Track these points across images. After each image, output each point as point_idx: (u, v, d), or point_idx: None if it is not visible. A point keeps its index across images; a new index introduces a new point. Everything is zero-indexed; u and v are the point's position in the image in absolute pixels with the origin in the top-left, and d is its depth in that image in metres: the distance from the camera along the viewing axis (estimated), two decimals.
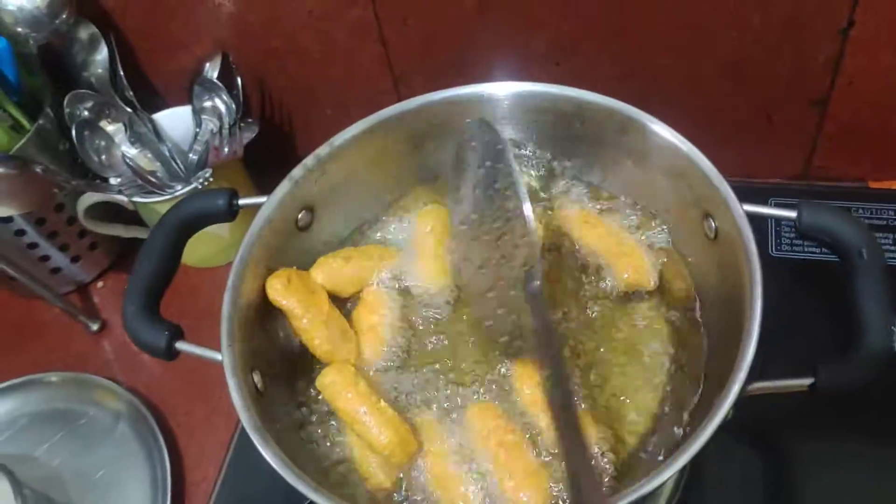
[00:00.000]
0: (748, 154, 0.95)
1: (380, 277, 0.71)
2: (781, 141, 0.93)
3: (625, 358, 0.66)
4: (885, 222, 0.87)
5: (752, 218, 0.61)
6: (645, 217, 0.72)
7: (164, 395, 0.92)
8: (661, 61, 0.87)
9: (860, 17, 0.78)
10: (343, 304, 0.71)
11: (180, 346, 0.62)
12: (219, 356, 0.60)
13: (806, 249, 0.86)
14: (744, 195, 0.62)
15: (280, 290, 0.66)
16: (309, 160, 0.69)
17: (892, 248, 0.85)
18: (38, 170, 0.85)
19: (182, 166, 0.97)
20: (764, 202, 0.86)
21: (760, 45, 0.83)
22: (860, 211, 0.89)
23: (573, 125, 0.71)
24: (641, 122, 0.66)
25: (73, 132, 0.88)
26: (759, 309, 0.55)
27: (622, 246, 0.69)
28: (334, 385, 0.63)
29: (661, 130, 0.65)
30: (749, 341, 0.54)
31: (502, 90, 0.71)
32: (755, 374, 0.54)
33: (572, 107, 0.69)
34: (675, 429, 0.62)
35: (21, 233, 0.91)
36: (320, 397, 0.67)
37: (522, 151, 0.75)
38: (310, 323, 0.66)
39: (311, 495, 0.53)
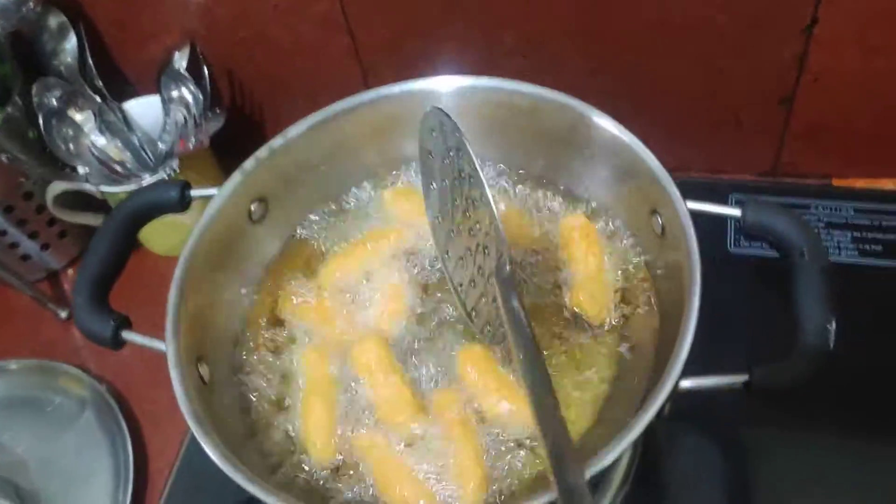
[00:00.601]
0: (717, 150, 0.95)
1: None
2: (750, 137, 0.93)
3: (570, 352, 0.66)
4: (844, 220, 0.87)
5: (705, 215, 0.61)
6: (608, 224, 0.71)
7: (131, 382, 0.92)
8: (629, 58, 0.87)
9: (823, 15, 0.78)
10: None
11: (126, 335, 0.63)
12: (164, 346, 0.61)
13: (765, 246, 0.86)
14: (704, 191, 0.62)
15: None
16: (261, 152, 0.69)
17: (850, 245, 0.85)
18: (4, 158, 0.85)
19: (151, 155, 0.97)
20: (723, 198, 0.88)
21: (727, 42, 0.83)
22: (820, 209, 0.88)
23: (529, 121, 0.71)
24: (589, 117, 0.66)
25: (41, 121, 0.88)
26: (696, 308, 0.55)
27: (597, 275, 0.67)
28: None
29: (608, 126, 0.65)
30: (683, 340, 0.54)
31: (456, 83, 0.71)
32: (698, 368, 0.54)
33: (526, 102, 0.69)
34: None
35: None
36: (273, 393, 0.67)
37: (482, 149, 0.75)
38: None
39: (247, 486, 0.54)
